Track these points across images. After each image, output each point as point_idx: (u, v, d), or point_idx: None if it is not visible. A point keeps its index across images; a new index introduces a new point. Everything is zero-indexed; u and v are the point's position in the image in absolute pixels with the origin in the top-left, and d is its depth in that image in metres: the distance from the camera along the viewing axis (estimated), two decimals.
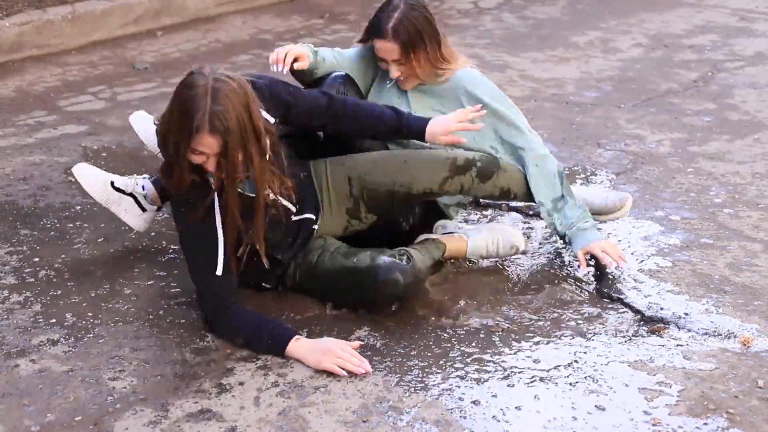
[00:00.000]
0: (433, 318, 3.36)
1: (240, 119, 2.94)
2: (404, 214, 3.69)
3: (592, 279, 3.62)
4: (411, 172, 3.47)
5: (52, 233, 3.85)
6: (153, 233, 3.85)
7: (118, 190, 3.59)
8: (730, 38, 6.67)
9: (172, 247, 3.74)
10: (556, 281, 3.61)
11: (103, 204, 3.62)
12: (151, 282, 3.53)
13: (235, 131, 2.94)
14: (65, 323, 3.25)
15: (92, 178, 3.59)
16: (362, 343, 3.15)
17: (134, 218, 3.63)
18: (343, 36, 6.52)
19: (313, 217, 3.44)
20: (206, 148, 2.96)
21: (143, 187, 3.62)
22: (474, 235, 3.68)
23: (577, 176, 4.47)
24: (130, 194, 3.60)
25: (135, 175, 3.73)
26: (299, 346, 3.08)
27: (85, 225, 3.90)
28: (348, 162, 3.53)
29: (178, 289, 3.48)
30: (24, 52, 5.81)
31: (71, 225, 3.91)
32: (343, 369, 3.01)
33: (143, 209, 3.63)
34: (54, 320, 3.27)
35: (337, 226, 3.54)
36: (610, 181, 4.41)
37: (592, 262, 3.61)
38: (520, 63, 6.10)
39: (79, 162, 3.79)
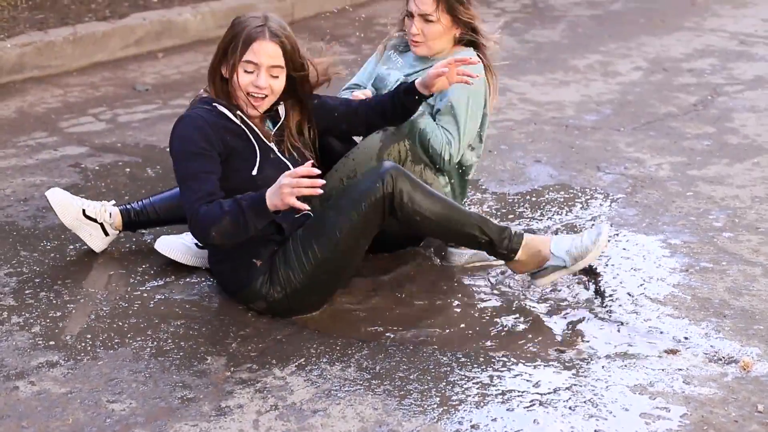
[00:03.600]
0: (432, 341, 3.36)
1: (293, 43, 3.42)
2: None
3: (593, 301, 3.63)
4: None
5: (52, 254, 3.85)
6: (151, 256, 3.85)
7: (88, 218, 3.82)
8: (729, 62, 6.69)
9: (169, 268, 3.74)
10: (555, 305, 3.61)
11: (69, 228, 3.85)
12: (151, 304, 3.53)
13: (292, 44, 3.43)
14: (64, 345, 3.25)
15: (65, 206, 3.81)
16: (312, 162, 3.18)
17: (97, 241, 3.87)
18: (344, 59, 6.50)
19: None
20: (262, 57, 3.35)
21: (110, 215, 3.85)
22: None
23: (576, 200, 4.47)
24: (100, 223, 3.84)
25: (104, 201, 3.90)
26: (269, 196, 3.16)
27: (85, 247, 3.90)
28: None
29: (177, 311, 3.48)
30: (25, 73, 5.82)
31: (71, 246, 3.91)
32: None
33: (107, 234, 3.87)
34: (53, 342, 3.26)
35: None
36: (610, 205, 4.42)
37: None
38: (520, 86, 6.12)
39: (55, 188, 3.87)
